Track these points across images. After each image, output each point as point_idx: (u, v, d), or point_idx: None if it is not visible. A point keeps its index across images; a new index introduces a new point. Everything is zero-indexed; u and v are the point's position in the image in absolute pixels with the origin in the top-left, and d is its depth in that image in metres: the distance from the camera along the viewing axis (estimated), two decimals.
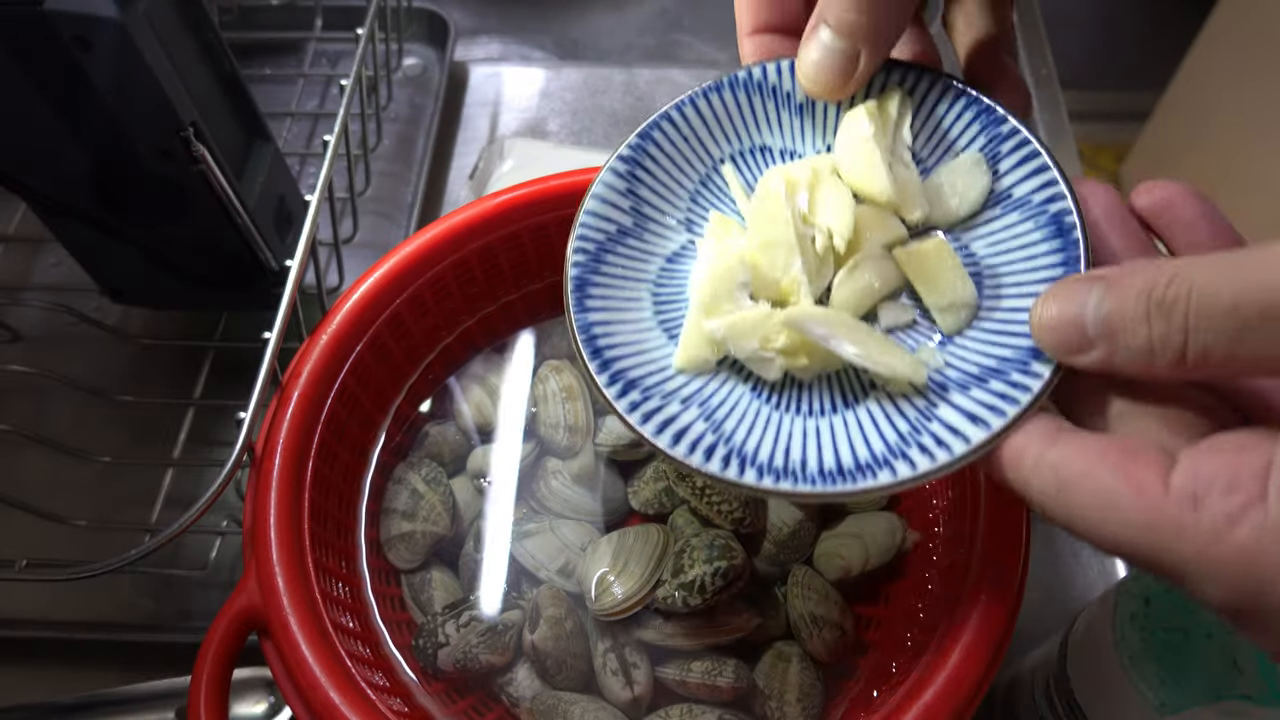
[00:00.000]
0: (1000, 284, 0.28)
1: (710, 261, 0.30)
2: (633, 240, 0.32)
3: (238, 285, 0.48)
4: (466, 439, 0.42)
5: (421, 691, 0.36)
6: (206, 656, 0.31)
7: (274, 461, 0.34)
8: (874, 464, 0.26)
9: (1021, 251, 0.28)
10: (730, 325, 0.28)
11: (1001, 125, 0.29)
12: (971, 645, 0.30)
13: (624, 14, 0.77)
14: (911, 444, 0.26)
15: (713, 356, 0.29)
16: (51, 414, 0.52)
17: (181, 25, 0.39)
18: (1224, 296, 0.19)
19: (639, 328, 0.30)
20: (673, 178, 0.32)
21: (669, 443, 0.27)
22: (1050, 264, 0.27)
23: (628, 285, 0.31)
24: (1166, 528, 0.19)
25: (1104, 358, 0.22)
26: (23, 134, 0.39)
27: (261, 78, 0.66)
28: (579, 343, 0.29)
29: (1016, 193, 0.29)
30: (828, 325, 0.27)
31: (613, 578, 0.36)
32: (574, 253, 0.30)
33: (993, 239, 0.29)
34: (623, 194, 0.32)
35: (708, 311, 0.29)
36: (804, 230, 0.29)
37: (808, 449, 0.27)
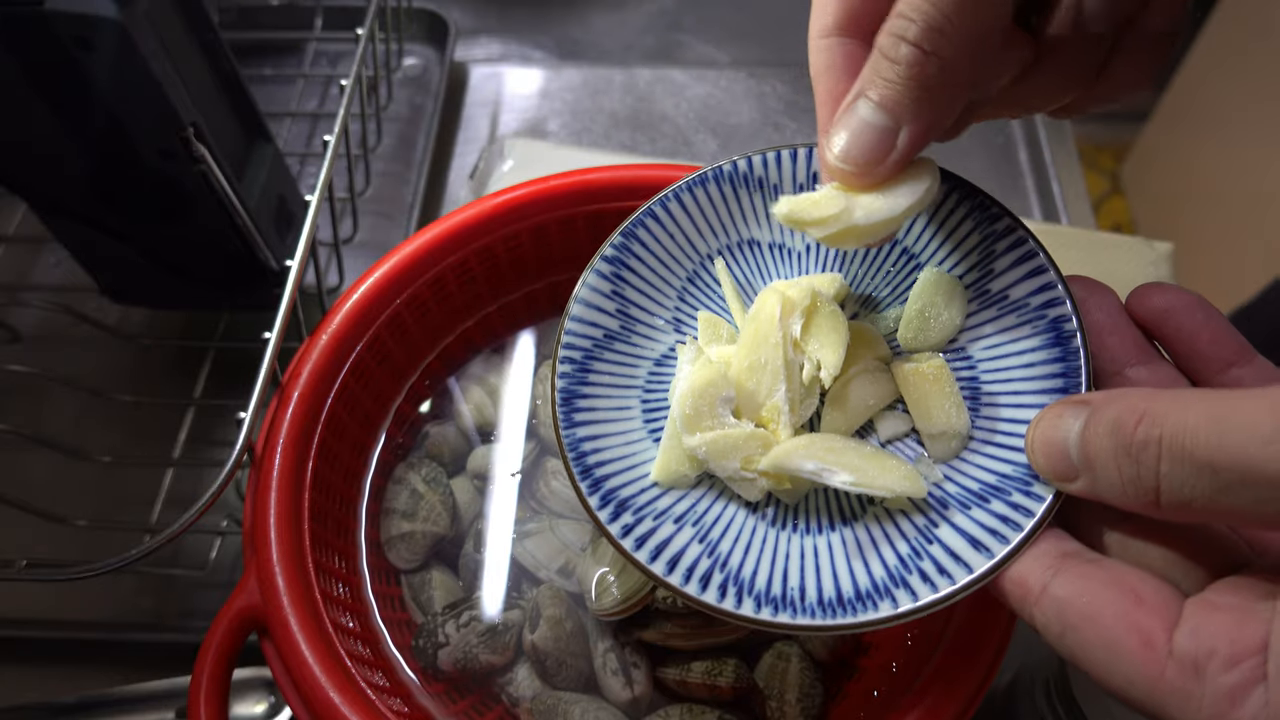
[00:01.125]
0: (999, 394, 0.27)
1: (693, 375, 0.29)
2: (620, 344, 0.31)
3: (238, 285, 0.48)
4: (466, 439, 0.42)
5: (421, 691, 0.36)
6: (206, 656, 0.31)
7: (274, 461, 0.34)
8: (874, 593, 0.25)
9: (1020, 359, 0.27)
10: (711, 443, 0.28)
11: (996, 223, 0.28)
12: (971, 645, 0.30)
13: (624, 14, 0.77)
14: (913, 570, 0.25)
15: (691, 473, 0.29)
16: (51, 414, 0.52)
17: (182, 25, 0.39)
18: (1199, 453, 0.19)
19: (629, 439, 0.29)
20: (659, 276, 0.31)
21: (664, 570, 0.26)
22: (1049, 374, 0.26)
23: (616, 394, 0.30)
24: (1171, 695, 0.19)
25: (1087, 488, 0.22)
26: (23, 134, 0.39)
27: (261, 78, 0.66)
28: (569, 461, 0.28)
29: (1014, 294, 0.28)
30: (814, 457, 0.26)
31: (613, 578, 0.36)
32: (561, 362, 0.29)
33: (991, 344, 0.28)
34: (608, 295, 0.31)
35: (688, 427, 0.28)
36: (793, 358, 0.28)
37: (805, 574, 0.26)
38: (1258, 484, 0.18)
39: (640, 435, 0.30)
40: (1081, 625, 0.21)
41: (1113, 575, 0.21)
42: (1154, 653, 0.20)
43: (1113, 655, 0.20)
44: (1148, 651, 0.20)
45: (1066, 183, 0.63)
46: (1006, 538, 0.24)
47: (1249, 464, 0.18)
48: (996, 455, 0.26)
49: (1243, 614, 0.19)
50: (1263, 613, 0.19)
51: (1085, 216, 0.61)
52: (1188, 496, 0.19)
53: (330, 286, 0.54)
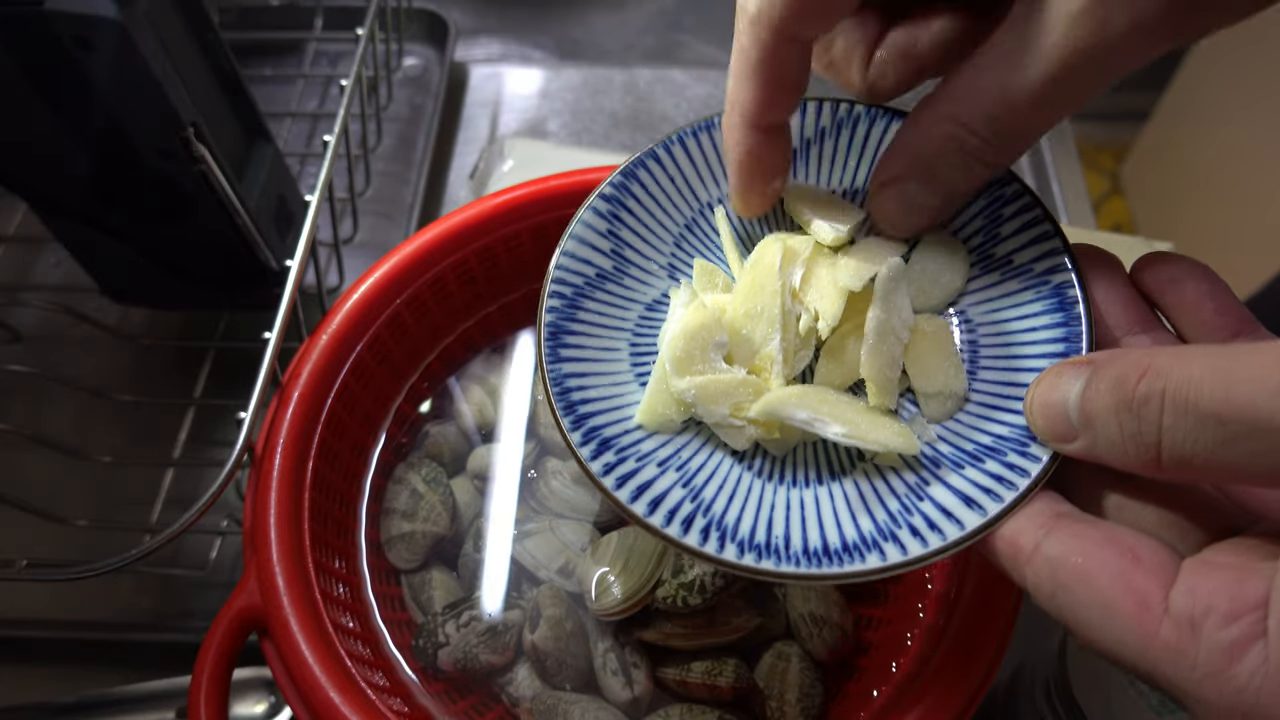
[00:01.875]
0: (998, 358, 0.27)
1: (686, 317, 0.28)
2: (612, 285, 0.30)
3: (238, 285, 0.48)
4: (466, 439, 0.42)
5: (421, 691, 0.36)
6: (207, 656, 0.31)
7: (274, 461, 0.34)
8: (861, 545, 0.25)
9: (1021, 323, 0.27)
10: (700, 387, 0.27)
11: (1005, 186, 0.28)
12: (972, 645, 0.30)
13: (624, 14, 0.77)
14: (902, 525, 0.25)
15: (677, 417, 0.28)
16: (52, 414, 0.52)
17: (182, 25, 0.39)
18: (1204, 404, 0.18)
19: (615, 380, 0.29)
20: (657, 220, 0.31)
21: (645, 511, 0.25)
22: (1050, 338, 0.26)
23: (605, 334, 0.29)
24: (1164, 653, 0.19)
25: (1086, 448, 0.22)
26: (23, 134, 0.39)
27: (262, 78, 0.66)
28: (551, 396, 0.27)
29: (1018, 259, 0.27)
30: (807, 407, 0.26)
31: (613, 578, 0.36)
32: (549, 297, 0.29)
33: (992, 308, 0.28)
34: (603, 235, 0.30)
35: (678, 369, 0.27)
36: (791, 307, 0.27)
37: (791, 524, 0.26)
38: (1265, 435, 0.17)
39: (627, 378, 0.29)
40: (1074, 585, 0.21)
41: (1108, 535, 0.21)
42: (1149, 612, 0.19)
43: (1106, 615, 0.20)
44: (1142, 611, 0.19)
45: (1066, 183, 0.63)
46: (1000, 496, 0.23)
47: (1256, 415, 0.17)
48: (993, 417, 0.26)
49: (1242, 572, 0.19)
50: (1263, 571, 0.19)
51: (1085, 216, 0.61)
52: (1190, 451, 0.19)
53: (330, 286, 0.54)
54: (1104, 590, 0.20)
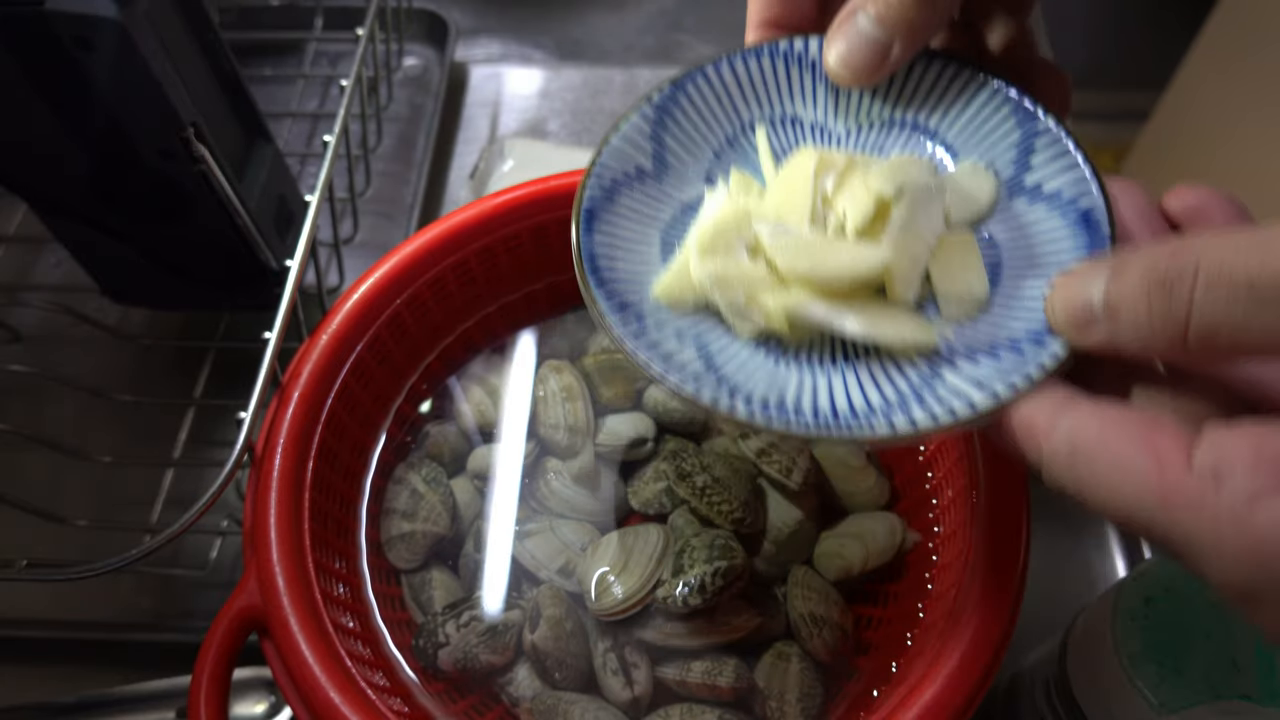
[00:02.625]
0: (1021, 267, 0.28)
1: (718, 208, 0.29)
2: (651, 183, 0.31)
3: (238, 285, 0.48)
4: (467, 439, 0.42)
5: (422, 691, 0.36)
6: (207, 656, 0.31)
7: (274, 462, 0.34)
8: (870, 413, 0.25)
9: (1046, 239, 0.28)
10: (720, 273, 0.28)
11: (1036, 122, 0.29)
12: (972, 645, 0.30)
13: (624, 14, 0.77)
14: (912, 401, 0.25)
15: (692, 298, 0.28)
16: (52, 414, 0.52)
17: (182, 25, 0.39)
18: (1238, 272, 0.18)
19: (643, 262, 0.30)
20: (699, 131, 0.32)
21: (661, 367, 0.26)
22: (1073, 247, 0.27)
23: (638, 225, 0.30)
24: (1182, 502, 0.19)
25: (1107, 337, 0.22)
26: (23, 134, 0.39)
27: (262, 78, 0.66)
28: (581, 262, 0.28)
29: (1047, 188, 0.28)
30: (825, 303, 0.27)
31: (613, 578, 0.36)
32: (589, 182, 0.30)
33: (1017, 226, 0.29)
34: (647, 137, 0.31)
35: (702, 254, 0.28)
36: (821, 210, 0.29)
37: (803, 394, 0.26)
38: None
39: (655, 265, 0.30)
40: (1093, 449, 0.20)
41: (1128, 409, 0.21)
42: (1169, 468, 0.19)
43: (1124, 475, 0.20)
44: (1161, 468, 0.19)
45: None
46: (1013, 381, 0.24)
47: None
48: (1012, 320, 0.27)
49: (1266, 429, 0.19)
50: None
51: None
52: (1220, 322, 0.19)
53: (330, 286, 0.54)
54: (1124, 452, 0.20)
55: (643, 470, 0.41)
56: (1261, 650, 0.30)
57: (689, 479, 0.38)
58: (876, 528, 0.39)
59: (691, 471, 0.38)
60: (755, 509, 0.38)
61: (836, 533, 0.39)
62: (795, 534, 0.39)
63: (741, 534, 0.38)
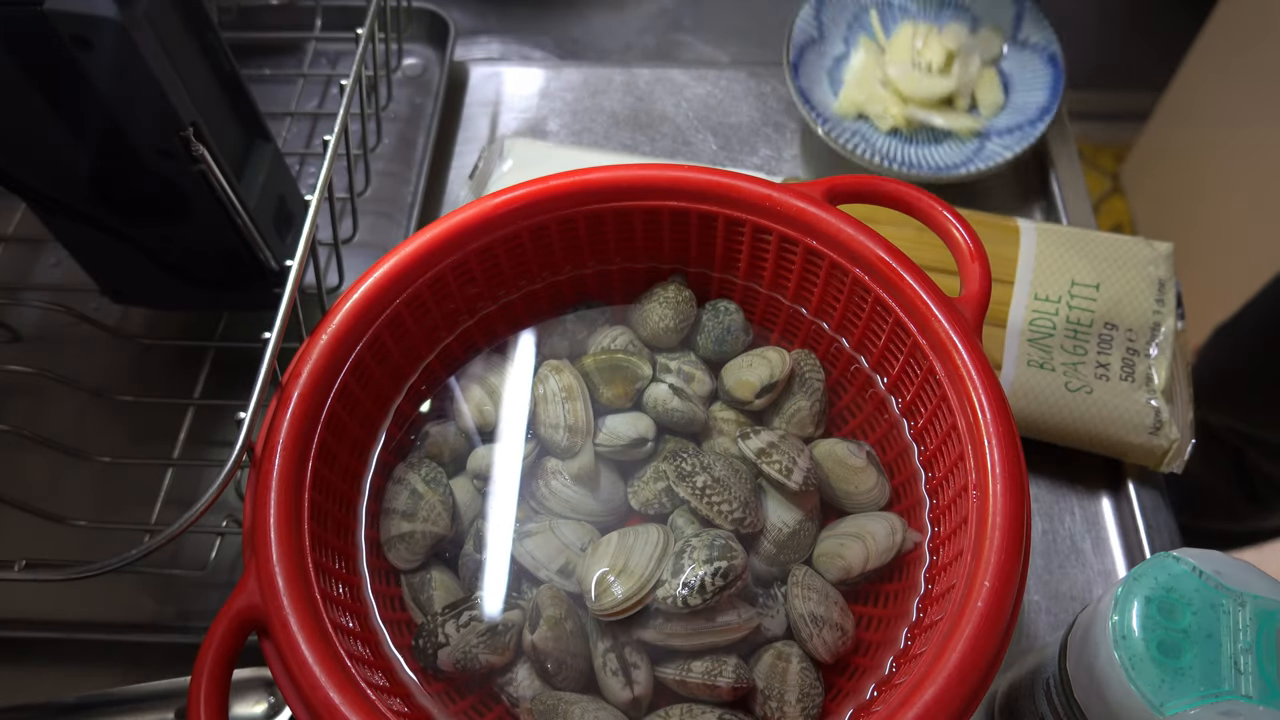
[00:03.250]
0: (1022, 87, 0.63)
1: (860, 60, 0.64)
2: (818, 45, 0.65)
3: (238, 285, 0.48)
4: (466, 439, 0.42)
5: (421, 691, 0.36)
6: (206, 656, 0.30)
7: (274, 461, 0.34)
8: (955, 166, 0.60)
9: (1030, 70, 0.63)
10: (868, 94, 0.62)
11: (1024, 3, 0.62)
12: (971, 645, 0.30)
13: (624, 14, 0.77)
14: (975, 158, 0.60)
15: (854, 110, 0.63)
16: (51, 414, 0.52)
17: (181, 25, 0.39)
18: None
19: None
20: (840, 11, 0.66)
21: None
22: (1043, 72, 0.62)
23: (819, 72, 0.65)
24: None
25: None
26: (23, 134, 0.39)
27: (261, 78, 0.66)
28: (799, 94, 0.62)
29: (1031, 41, 0.64)
30: (927, 112, 0.62)
31: (613, 578, 0.36)
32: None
33: (1017, 62, 0.65)
34: (812, 19, 0.65)
35: (856, 85, 0.63)
36: (917, 58, 0.62)
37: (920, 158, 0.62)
38: None
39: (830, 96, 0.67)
40: None
41: None
42: None
43: None
44: None
45: (1066, 183, 0.63)
46: (1022, 146, 0.58)
47: None
48: (1018, 113, 0.63)
49: None
50: None
51: (1085, 216, 0.61)
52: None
53: (330, 286, 0.54)
54: None
55: (643, 470, 0.41)
56: (1261, 650, 0.30)
57: (689, 479, 0.38)
58: (876, 528, 0.39)
59: (691, 471, 0.38)
60: (755, 509, 0.38)
61: (836, 533, 0.39)
62: (795, 534, 0.39)
63: (741, 534, 0.38)
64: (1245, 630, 0.31)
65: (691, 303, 0.44)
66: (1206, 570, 0.32)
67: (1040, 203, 0.63)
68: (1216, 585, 0.31)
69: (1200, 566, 0.32)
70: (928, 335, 0.37)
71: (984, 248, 0.39)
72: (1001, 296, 0.52)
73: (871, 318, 0.40)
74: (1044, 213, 0.63)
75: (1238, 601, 0.31)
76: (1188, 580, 0.32)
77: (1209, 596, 0.31)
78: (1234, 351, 0.85)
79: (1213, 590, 0.31)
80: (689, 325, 0.44)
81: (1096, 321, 0.51)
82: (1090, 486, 0.52)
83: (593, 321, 0.45)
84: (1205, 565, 0.32)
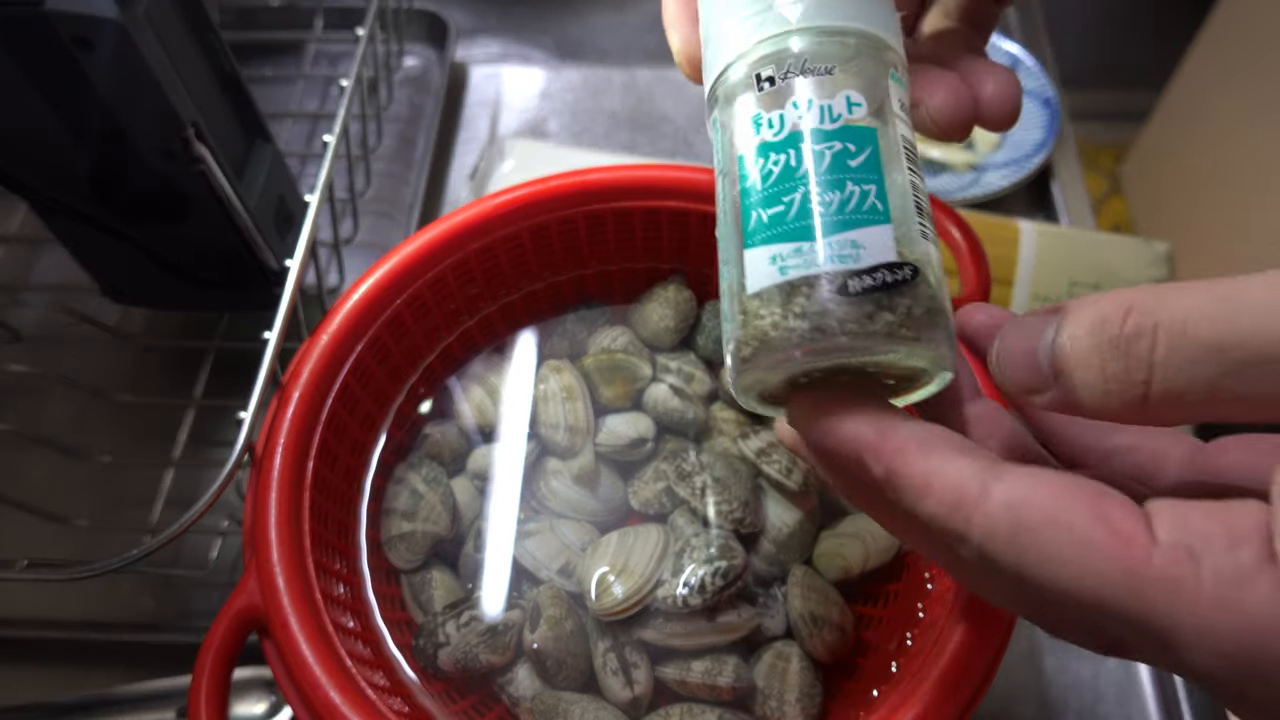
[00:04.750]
0: (1018, 126, 0.57)
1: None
2: None
3: (238, 285, 0.48)
4: (467, 439, 0.42)
5: (422, 691, 0.36)
6: (207, 656, 0.31)
7: (274, 462, 0.34)
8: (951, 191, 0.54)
9: (1027, 111, 0.64)
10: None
11: (1019, 62, 0.58)
12: (972, 645, 0.30)
13: (624, 14, 0.77)
14: (970, 186, 0.60)
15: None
16: (52, 414, 0.52)
17: (182, 25, 0.39)
18: (1204, 334, 0.17)
19: None
20: None
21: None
22: (1039, 113, 0.64)
23: None
24: (1159, 586, 0.17)
25: (1059, 397, 0.20)
26: (23, 134, 0.39)
27: (262, 78, 0.67)
28: None
29: (1027, 86, 0.54)
30: (924, 145, 0.55)
31: (613, 578, 0.36)
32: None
33: None
34: None
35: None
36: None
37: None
38: (1273, 361, 0.16)
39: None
40: (1040, 525, 0.18)
41: (1064, 476, 0.18)
42: (1134, 544, 0.17)
43: (1083, 553, 0.17)
44: (1128, 544, 0.17)
45: (1066, 183, 0.63)
46: (1016, 179, 0.45)
47: (1267, 340, 0.16)
48: (1013, 149, 0.61)
49: (1228, 507, 0.17)
50: (1250, 506, 0.17)
51: (1085, 216, 0.61)
52: (1184, 385, 0.17)
53: (330, 287, 0.54)
54: (1078, 527, 0.17)
55: (643, 470, 0.41)
56: None
57: (689, 479, 0.38)
58: (877, 527, 0.39)
59: (691, 472, 0.38)
60: (755, 509, 0.38)
61: (836, 533, 0.39)
62: (795, 534, 0.39)
63: (741, 534, 0.38)
64: None
65: (691, 303, 0.44)
66: None
67: (1040, 203, 0.63)
68: None
69: None
70: None
71: (983, 248, 0.39)
72: (1001, 297, 0.52)
73: None
74: (1043, 213, 0.63)
75: None
76: None
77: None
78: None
79: None
80: (689, 325, 0.44)
81: None
82: None
83: (593, 321, 0.45)
84: None
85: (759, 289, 0.22)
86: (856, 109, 0.23)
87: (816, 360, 0.21)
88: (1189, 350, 0.17)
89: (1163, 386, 0.18)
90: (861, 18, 0.24)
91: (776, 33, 0.24)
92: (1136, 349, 0.18)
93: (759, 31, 0.24)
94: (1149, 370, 0.18)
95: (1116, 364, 0.18)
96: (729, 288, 0.23)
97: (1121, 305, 0.18)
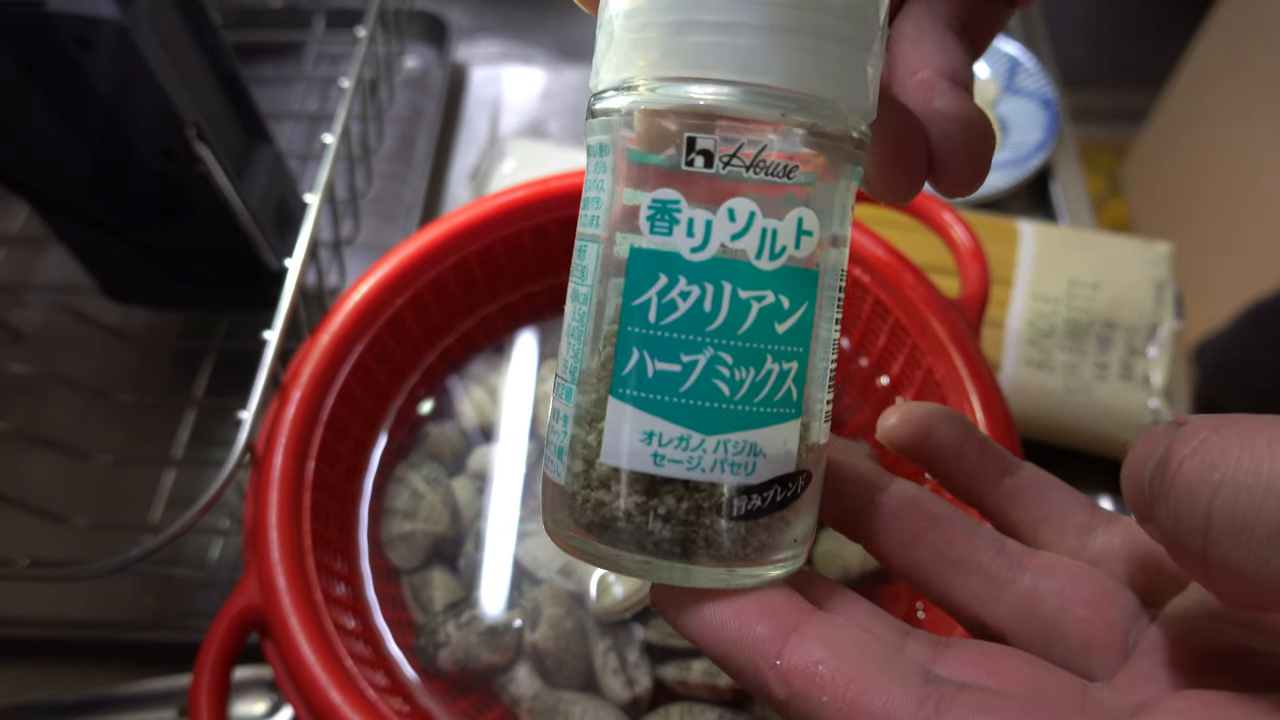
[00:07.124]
0: (1019, 128, 0.64)
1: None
2: None
3: (239, 285, 0.48)
4: (467, 439, 0.42)
5: (422, 691, 0.36)
6: (207, 656, 0.31)
7: (275, 461, 0.34)
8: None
9: (1026, 113, 0.65)
10: None
11: (1018, 61, 0.58)
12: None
13: None
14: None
15: None
16: (53, 414, 0.52)
17: (183, 26, 0.39)
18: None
19: None
20: None
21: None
22: (1039, 115, 0.64)
23: None
24: None
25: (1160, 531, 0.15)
26: (23, 134, 0.39)
27: (262, 78, 0.67)
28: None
29: (1026, 88, 0.66)
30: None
31: (613, 578, 0.36)
32: None
33: (1013, 105, 0.66)
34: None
35: None
36: None
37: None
38: None
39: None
40: None
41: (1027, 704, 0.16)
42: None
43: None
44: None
45: (1066, 183, 0.63)
46: (1013, 181, 0.53)
47: None
48: (1014, 151, 0.61)
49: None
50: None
51: (1085, 216, 0.61)
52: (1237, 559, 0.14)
53: (331, 287, 0.54)
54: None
55: None
56: None
57: None
58: None
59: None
60: None
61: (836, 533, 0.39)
62: None
63: None
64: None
65: None
66: None
67: (1040, 203, 0.63)
68: None
69: None
70: (926, 336, 0.37)
71: (983, 248, 0.39)
72: (1001, 297, 0.52)
73: (871, 318, 0.40)
74: (1043, 213, 0.63)
75: None
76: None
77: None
78: (1225, 352, 0.85)
79: None
80: None
81: (1096, 322, 0.51)
82: (1089, 487, 0.52)
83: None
84: None
85: (622, 466, 0.17)
86: (805, 240, 0.17)
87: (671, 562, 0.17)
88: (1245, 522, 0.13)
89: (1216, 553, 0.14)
90: (852, 91, 0.17)
91: (747, 82, 0.16)
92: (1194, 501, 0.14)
93: (714, 64, 0.16)
94: (1205, 524, 0.14)
95: (1164, 506, 0.15)
96: (576, 411, 0.18)
97: (1190, 442, 0.14)
